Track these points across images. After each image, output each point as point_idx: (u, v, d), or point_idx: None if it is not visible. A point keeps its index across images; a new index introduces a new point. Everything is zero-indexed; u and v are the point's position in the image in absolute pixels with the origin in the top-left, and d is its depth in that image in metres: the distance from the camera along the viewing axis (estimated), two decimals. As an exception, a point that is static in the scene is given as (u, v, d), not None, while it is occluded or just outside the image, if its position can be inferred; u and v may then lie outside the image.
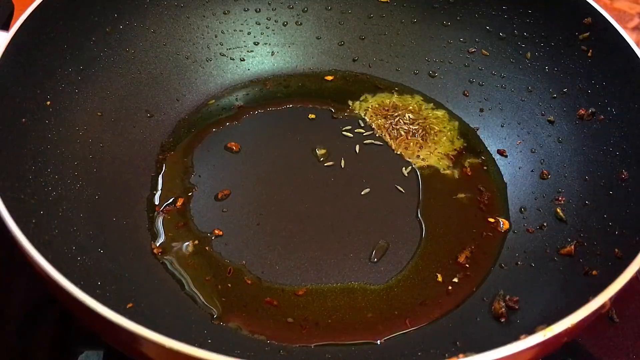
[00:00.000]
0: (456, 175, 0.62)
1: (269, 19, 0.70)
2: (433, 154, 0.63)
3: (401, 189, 0.61)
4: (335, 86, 0.69)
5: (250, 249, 0.55)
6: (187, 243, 0.55)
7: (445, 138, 0.64)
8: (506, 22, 0.65)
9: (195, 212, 0.58)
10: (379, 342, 0.50)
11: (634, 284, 0.55)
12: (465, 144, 0.64)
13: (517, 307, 0.50)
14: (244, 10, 0.69)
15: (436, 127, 0.65)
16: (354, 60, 0.71)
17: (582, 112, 0.59)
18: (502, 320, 0.50)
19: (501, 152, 0.63)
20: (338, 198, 0.59)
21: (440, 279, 0.54)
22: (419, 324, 0.51)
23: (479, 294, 0.53)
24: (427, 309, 0.52)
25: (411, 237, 0.57)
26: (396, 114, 0.66)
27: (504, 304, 0.50)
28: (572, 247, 0.52)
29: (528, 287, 0.52)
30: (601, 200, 0.54)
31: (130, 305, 0.47)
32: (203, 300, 0.52)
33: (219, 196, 0.59)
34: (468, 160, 0.63)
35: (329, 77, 0.69)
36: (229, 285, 0.53)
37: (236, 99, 0.68)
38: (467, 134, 0.65)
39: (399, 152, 0.63)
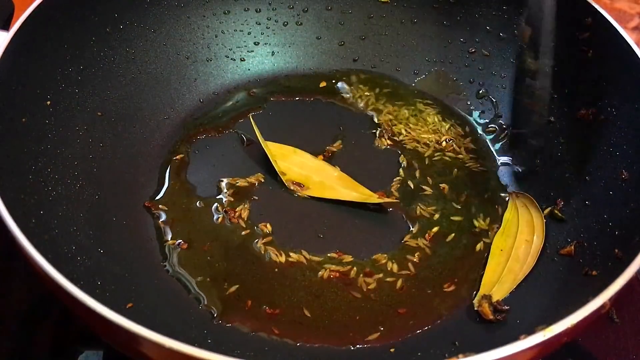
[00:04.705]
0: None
1: (269, 19, 0.70)
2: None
3: (404, 192, 0.60)
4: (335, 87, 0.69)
5: (251, 248, 0.55)
6: (187, 243, 0.55)
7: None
8: (506, 22, 0.65)
9: (195, 212, 0.58)
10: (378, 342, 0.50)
11: (634, 284, 0.55)
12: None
13: (505, 307, 0.50)
14: (245, 10, 0.69)
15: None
16: (354, 60, 0.71)
17: (582, 112, 0.59)
18: (497, 319, 0.50)
19: (502, 154, 0.63)
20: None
21: (439, 279, 0.54)
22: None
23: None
24: (427, 309, 0.52)
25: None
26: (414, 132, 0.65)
27: (491, 307, 0.50)
28: (572, 247, 0.52)
29: (528, 287, 0.52)
30: (601, 200, 0.54)
31: (130, 305, 0.47)
32: (203, 300, 0.52)
33: (219, 196, 0.59)
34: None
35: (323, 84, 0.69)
36: (229, 285, 0.53)
37: (236, 99, 0.67)
38: (466, 131, 0.65)
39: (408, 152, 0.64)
